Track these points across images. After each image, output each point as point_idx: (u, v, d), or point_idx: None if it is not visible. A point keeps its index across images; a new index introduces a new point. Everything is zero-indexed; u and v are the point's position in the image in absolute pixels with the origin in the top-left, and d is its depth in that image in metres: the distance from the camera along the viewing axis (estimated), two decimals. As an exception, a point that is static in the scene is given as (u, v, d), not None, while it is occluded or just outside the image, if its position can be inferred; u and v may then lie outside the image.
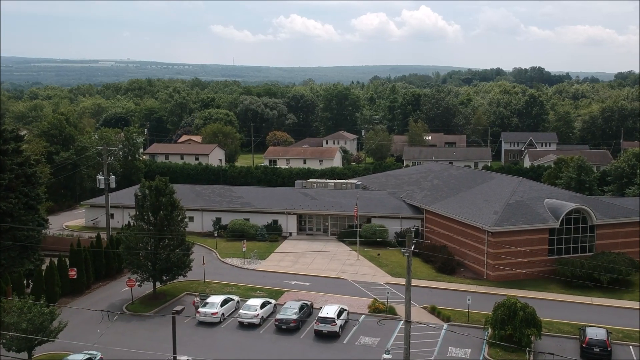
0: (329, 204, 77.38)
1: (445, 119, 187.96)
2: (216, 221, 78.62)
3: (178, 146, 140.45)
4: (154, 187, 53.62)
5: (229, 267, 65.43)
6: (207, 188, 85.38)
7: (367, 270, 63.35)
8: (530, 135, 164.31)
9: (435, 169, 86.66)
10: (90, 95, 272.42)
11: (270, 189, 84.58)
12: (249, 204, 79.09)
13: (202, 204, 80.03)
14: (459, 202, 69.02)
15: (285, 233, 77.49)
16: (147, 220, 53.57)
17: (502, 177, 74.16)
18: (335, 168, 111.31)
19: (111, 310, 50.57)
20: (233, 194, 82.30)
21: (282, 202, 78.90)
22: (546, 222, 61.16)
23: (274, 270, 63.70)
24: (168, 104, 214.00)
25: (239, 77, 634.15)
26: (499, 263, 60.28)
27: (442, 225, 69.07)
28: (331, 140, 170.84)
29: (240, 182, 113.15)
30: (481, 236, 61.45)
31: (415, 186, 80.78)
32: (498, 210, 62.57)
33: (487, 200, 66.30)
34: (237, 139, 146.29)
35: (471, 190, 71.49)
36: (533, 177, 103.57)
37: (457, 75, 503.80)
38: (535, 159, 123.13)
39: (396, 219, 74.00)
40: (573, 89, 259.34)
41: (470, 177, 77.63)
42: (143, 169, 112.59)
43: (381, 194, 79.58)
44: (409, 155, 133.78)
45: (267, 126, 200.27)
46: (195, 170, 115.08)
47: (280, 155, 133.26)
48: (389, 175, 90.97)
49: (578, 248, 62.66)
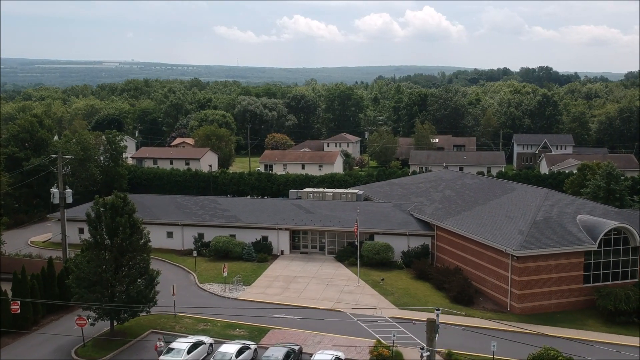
0: (326, 219, 67.86)
1: (454, 120, 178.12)
2: (198, 237, 69.22)
3: (167, 150, 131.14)
4: (109, 206, 44.23)
5: (208, 295, 55.95)
6: (189, 199, 75.95)
7: (369, 300, 53.81)
8: (545, 137, 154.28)
9: (447, 177, 77.03)
10: (84, 96, 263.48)
11: (260, 201, 75.04)
12: (236, 217, 69.63)
13: (183, 218, 70.63)
14: (476, 218, 59.40)
15: (277, 251, 68.02)
16: (102, 244, 44.14)
17: (525, 188, 64.42)
18: (335, 174, 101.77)
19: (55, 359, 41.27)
20: (218, 206, 72.86)
21: (273, 215, 69.44)
22: (581, 244, 51.53)
23: (260, 299, 54.21)
24: (163, 105, 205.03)
25: (242, 78, 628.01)
26: (526, 293, 50.69)
27: (456, 245, 59.46)
28: (332, 143, 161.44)
29: (232, 189, 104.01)
30: (504, 260, 51.87)
31: (425, 197, 71.19)
32: (524, 229, 52.97)
33: (510, 217, 56.67)
34: (231, 142, 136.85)
35: (490, 204, 61.84)
36: (553, 185, 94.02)
37: (463, 75, 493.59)
38: (553, 164, 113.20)
39: (403, 236, 64.45)
40: (585, 89, 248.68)
41: (488, 187, 67.98)
42: (126, 175, 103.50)
43: (386, 207, 70.00)
44: (415, 160, 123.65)
45: (266, 128, 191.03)
46: (183, 177, 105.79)
47: (276, 160, 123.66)
48: (394, 184, 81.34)
49: (619, 274, 53.02)
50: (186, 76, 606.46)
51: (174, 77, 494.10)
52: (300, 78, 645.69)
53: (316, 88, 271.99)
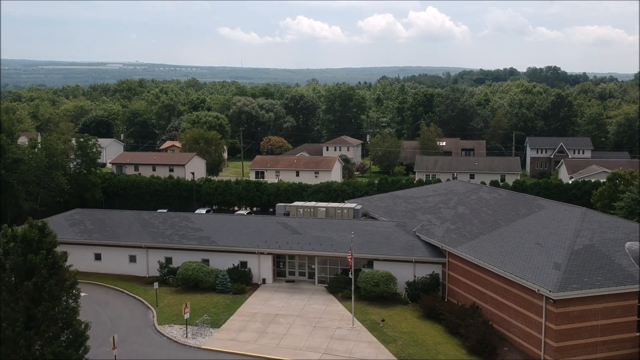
0: (316, 241, 57.00)
1: (461, 122, 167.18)
2: (164, 263, 58.42)
3: (150, 155, 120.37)
4: (19, 239, 33.46)
5: (165, 341, 45.12)
6: (157, 216, 65.03)
7: (365, 350, 42.91)
8: (561, 140, 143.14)
9: (459, 190, 66.08)
10: (75, 96, 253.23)
11: (239, 219, 64.01)
12: (209, 239, 58.82)
13: (148, 239, 59.85)
14: (497, 243, 48.47)
15: (257, 279, 57.21)
16: (11, 290, 33.37)
17: (555, 206, 53.43)
18: (332, 184, 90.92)
19: None
20: (190, 224, 62.02)
21: (255, 237, 58.60)
22: (635, 282, 40.61)
23: (228, 348, 43.36)
24: (154, 106, 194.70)
25: (246, 79, 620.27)
26: (565, 345, 39.76)
27: (474, 277, 48.57)
28: (332, 147, 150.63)
29: (217, 199, 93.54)
30: (536, 302, 40.95)
31: (434, 215, 60.26)
32: (560, 261, 42.04)
33: (541, 244, 45.71)
34: (222, 145, 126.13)
35: (513, 226, 50.90)
36: (577, 197, 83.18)
37: (469, 75, 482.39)
38: (574, 171, 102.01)
39: (408, 263, 53.59)
40: (599, 89, 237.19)
41: (509, 203, 57.02)
42: (100, 184, 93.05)
43: (387, 226, 59.08)
44: (421, 166, 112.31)
45: (262, 130, 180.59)
46: (164, 186, 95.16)
47: (268, 166, 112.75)
48: (398, 197, 70.35)
49: (681, 319, 42.03)
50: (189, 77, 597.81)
51: (176, 78, 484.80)
52: (304, 79, 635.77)
53: (317, 88, 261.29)
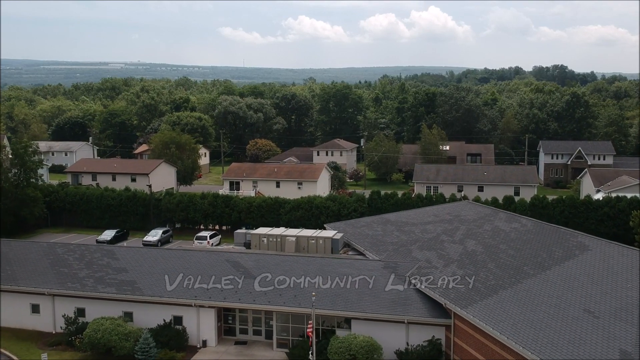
0: (275, 290, 42.12)
1: (467, 124, 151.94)
2: (74, 316, 43.61)
3: (110, 163, 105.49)
4: None
5: None
6: (74, 250, 49.86)
7: None
8: (578, 144, 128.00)
9: (468, 216, 51.15)
10: (53, 96, 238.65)
11: (177, 255, 48.80)
12: (134, 285, 43.96)
13: (54, 284, 45.05)
14: (525, 306, 33.51)
15: (196, 341, 42.35)
16: None
17: (603, 247, 38.45)
18: (314, 199, 75.88)
19: None
20: (113, 263, 47.10)
21: (195, 282, 43.66)
22: None
23: None
24: (134, 106, 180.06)
25: (248, 79, 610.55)
26: None
27: (492, 353, 33.65)
28: (323, 152, 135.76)
29: (179, 216, 79.03)
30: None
31: (434, 252, 45.30)
32: (629, 348, 27.17)
33: (594, 314, 30.83)
34: (196, 151, 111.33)
35: (546, 276, 35.97)
36: (611, 217, 67.74)
37: (473, 74, 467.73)
38: (601, 183, 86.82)
39: (398, 324, 38.75)
40: (614, 87, 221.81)
41: (537, 239, 42.08)
42: (41, 199, 78.47)
43: (372, 268, 44.09)
44: (421, 177, 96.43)
45: (250, 132, 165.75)
46: (117, 200, 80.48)
47: (244, 176, 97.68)
48: (389, 222, 55.31)
49: None
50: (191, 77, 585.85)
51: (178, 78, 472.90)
52: (306, 78, 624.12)
53: (312, 87, 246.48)
